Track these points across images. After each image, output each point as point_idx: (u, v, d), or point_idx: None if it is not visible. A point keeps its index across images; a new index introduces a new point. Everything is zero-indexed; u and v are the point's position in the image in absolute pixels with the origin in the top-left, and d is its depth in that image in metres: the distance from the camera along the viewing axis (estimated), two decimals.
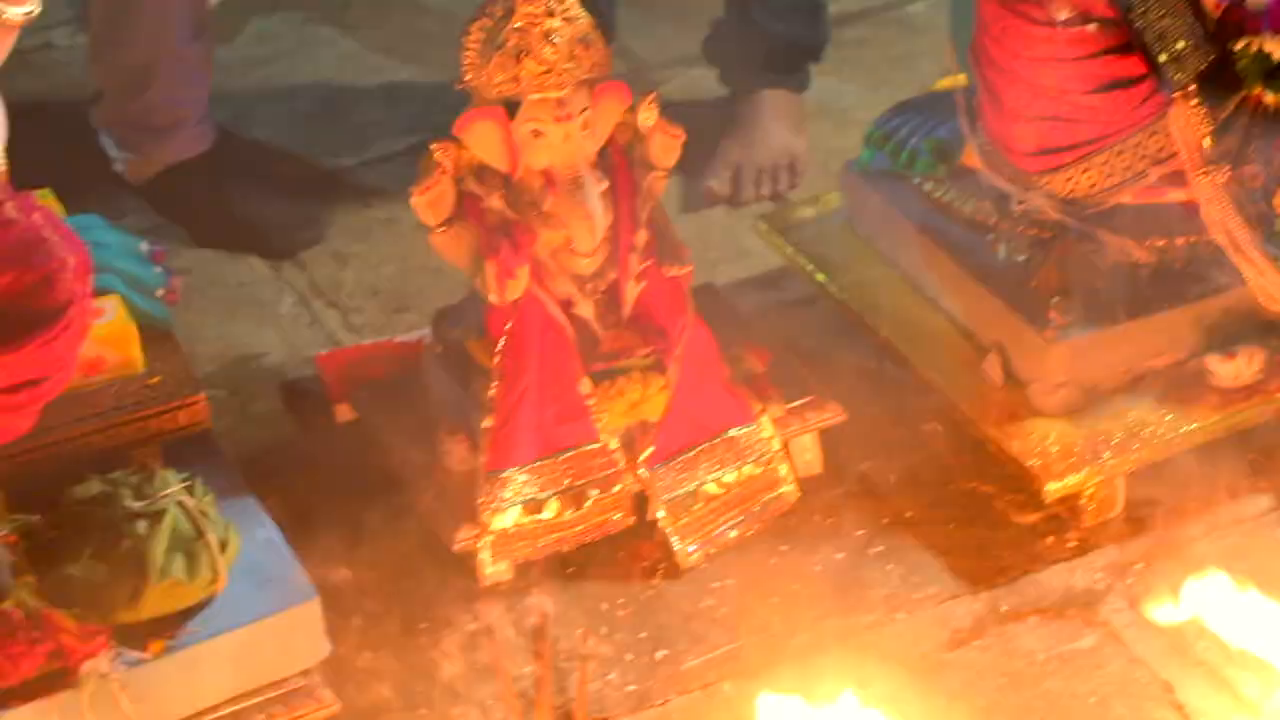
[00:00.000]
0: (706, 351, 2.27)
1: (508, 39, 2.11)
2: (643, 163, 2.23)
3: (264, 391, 2.55)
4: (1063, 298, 2.30)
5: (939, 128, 2.50)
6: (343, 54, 3.19)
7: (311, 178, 2.92)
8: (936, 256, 2.45)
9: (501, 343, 2.20)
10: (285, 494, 2.34)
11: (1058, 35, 2.24)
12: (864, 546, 2.30)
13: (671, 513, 2.25)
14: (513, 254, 2.14)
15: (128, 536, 1.98)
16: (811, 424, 2.35)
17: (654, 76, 3.01)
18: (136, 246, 2.28)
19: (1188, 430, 2.30)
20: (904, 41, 3.14)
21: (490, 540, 2.21)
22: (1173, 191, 2.32)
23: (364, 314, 2.69)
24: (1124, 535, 2.29)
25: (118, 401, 2.14)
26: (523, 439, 2.20)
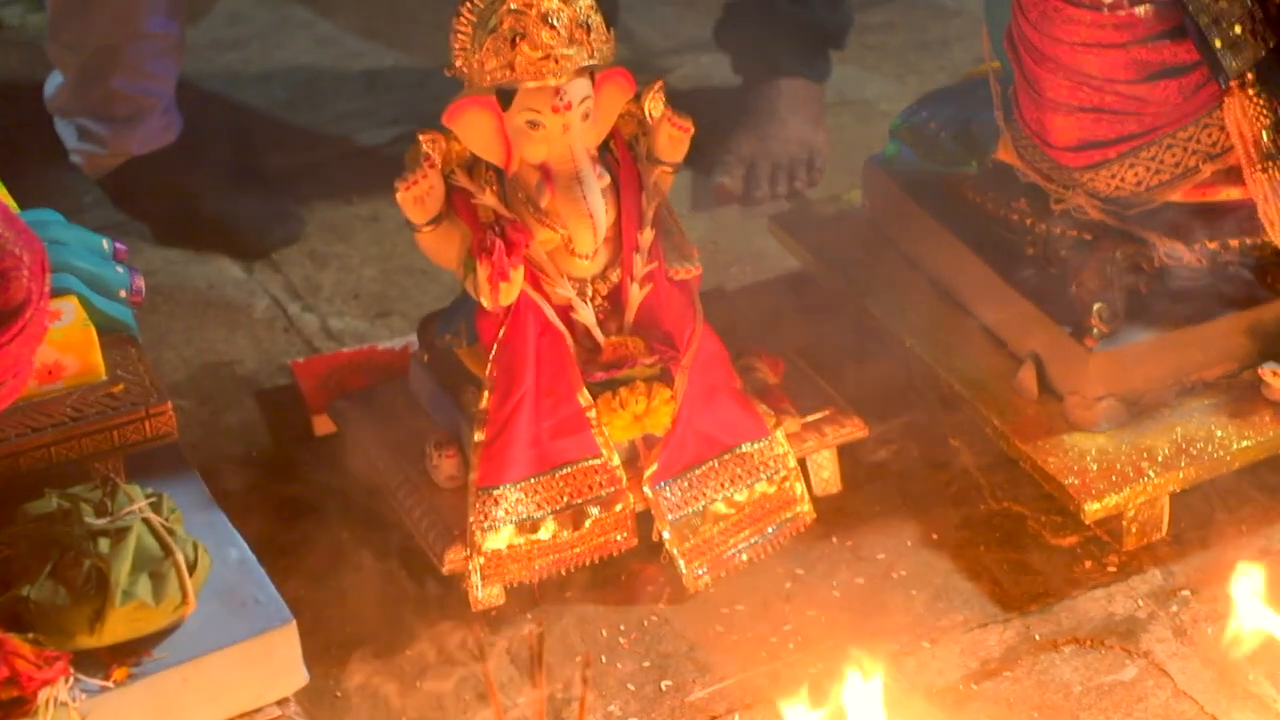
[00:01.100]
0: (716, 361, 2.31)
1: (502, 21, 2.14)
2: (648, 157, 2.27)
3: (235, 401, 2.59)
4: (1104, 304, 2.34)
5: (971, 120, 2.54)
6: (321, 37, 3.23)
7: (287, 171, 2.96)
8: (967, 259, 2.49)
9: (494, 351, 2.23)
10: (259, 511, 2.38)
11: (1103, 19, 2.28)
12: (886, 571, 2.34)
13: (677, 534, 2.29)
14: (506, 255, 2.17)
15: (89, 556, 2.01)
16: (830, 439, 2.40)
17: (661, 64, 3.06)
18: (97, 245, 2.30)
19: (1240, 447, 2.33)
20: (934, 26, 3.18)
21: (482, 562, 2.25)
22: (1227, 189, 2.36)
23: (344, 319, 2.73)
24: (1169, 559, 2.33)
25: (77, 411, 2.16)
26: (517, 454, 2.24)
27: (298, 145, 3.02)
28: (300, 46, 3.22)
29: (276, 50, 3.22)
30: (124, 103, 2.80)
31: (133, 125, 2.82)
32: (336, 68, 3.16)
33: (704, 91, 3.01)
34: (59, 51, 2.82)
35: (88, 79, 2.80)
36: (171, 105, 2.84)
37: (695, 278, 2.30)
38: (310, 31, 3.24)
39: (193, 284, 2.80)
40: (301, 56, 3.19)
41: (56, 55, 2.83)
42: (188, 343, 2.70)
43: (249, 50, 3.21)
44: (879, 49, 3.13)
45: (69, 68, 2.82)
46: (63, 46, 2.81)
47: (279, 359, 2.65)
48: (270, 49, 3.22)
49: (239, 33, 3.26)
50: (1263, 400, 2.38)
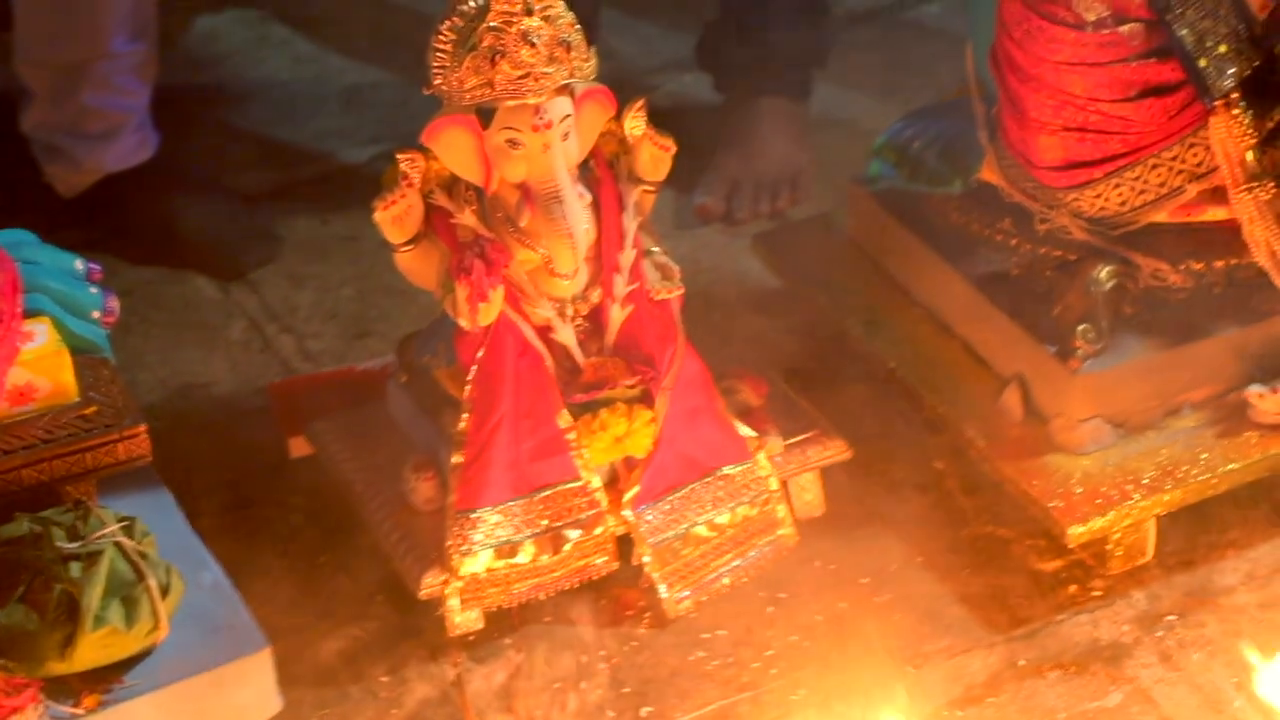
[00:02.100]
0: (698, 382, 2.30)
1: (481, 39, 2.14)
2: (629, 176, 2.26)
3: (211, 423, 2.58)
4: (1089, 325, 2.34)
5: (955, 139, 2.55)
6: (299, 55, 3.23)
7: (265, 190, 2.95)
8: (951, 280, 2.49)
9: (473, 372, 2.22)
10: (234, 534, 2.37)
11: (1087, 38, 2.28)
12: (869, 595, 2.33)
13: (659, 557, 2.28)
14: (486, 275, 2.17)
15: (60, 580, 2.01)
16: (813, 461, 2.39)
17: (643, 82, 3.06)
18: (70, 265, 2.30)
19: (1227, 470, 2.33)
20: (917, 45, 3.19)
21: (459, 586, 2.23)
22: (1212, 209, 2.36)
23: (321, 340, 2.72)
24: (1154, 584, 2.32)
25: (49, 433, 2.16)
26: (496, 477, 2.23)
27: (275, 164, 3.01)
28: (279, 64, 3.21)
29: (255, 68, 3.21)
30: (96, 119, 2.80)
31: (106, 142, 2.81)
32: (315, 86, 3.15)
33: (686, 110, 3.02)
34: (28, 70, 2.82)
35: (58, 97, 2.79)
36: (146, 122, 2.84)
37: (677, 298, 2.29)
38: (289, 50, 3.24)
39: (168, 304, 2.79)
40: (280, 74, 3.19)
41: (26, 74, 2.83)
42: (163, 364, 2.69)
43: (227, 68, 3.21)
44: (862, 68, 3.13)
45: (39, 86, 2.81)
46: (31, 65, 2.81)
47: (255, 380, 2.64)
48: (249, 67, 3.21)
49: (217, 50, 3.25)
50: (1249, 422, 2.37)
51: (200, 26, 3.30)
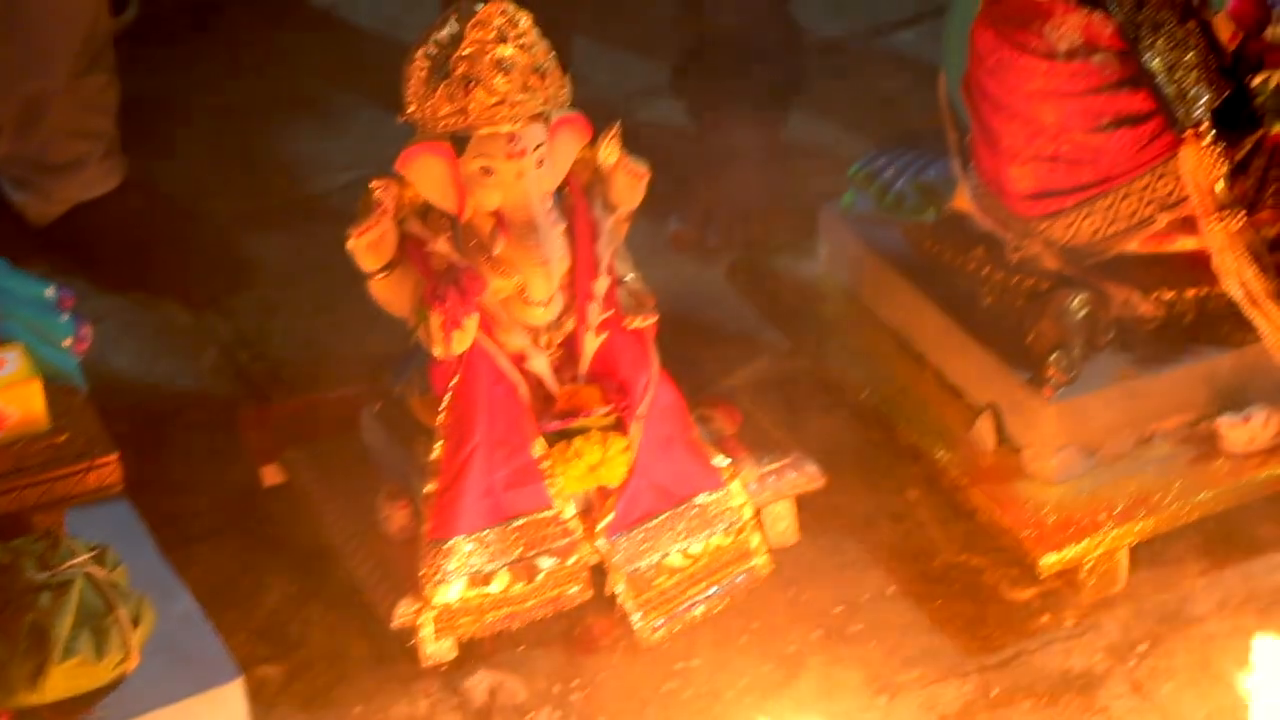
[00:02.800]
0: (672, 410, 2.30)
1: (455, 67, 2.14)
2: (604, 204, 2.27)
3: (183, 451, 2.57)
4: (1061, 354, 2.35)
5: (928, 168, 2.56)
6: (272, 80, 3.22)
7: (237, 217, 2.95)
8: (924, 308, 2.49)
9: (446, 400, 2.22)
10: (205, 564, 2.37)
11: (1059, 68, 2.29)
12: (843, 625, 2.33)
13: (632, 586, 2.28)
14: (460, 303, 2.17)
15: (30, 610, 2.00)
16: (786, 490, 2.39)
17: (617, 109, 3.06)
18: (42, 293, 2.30)
19: (1198, 499, 2.34)
20: (890, 74, 3.19)
21: (433, 615, 2.23)
22: (1182, 239, 2.37)
23: (294, 367, 2.72)
24: (1127, 613, 2.32)
25: (19, 462, 2.16)
26: (469, 505, 2.23)
27: (248, 190, 3.01)
28: (251, 90, 3.21)
29: (227, 94, 3.20)
30: (62, 150, 2.79)
31: (74, 171, 2.81)
32: (288, 112, 3.15)
33: (660, 138, 3.01)
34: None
35: (22, 130, 2.78)
36: (114, 148, 2.83)
37: (651, 326, 2.29)
38: (261, 75, 3.23)
39: (139, 331, 2.78)
40: (252, 100, 3.18)
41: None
42: (134, 391, 2.68)
43: (197, 94, 3.20)
44: (835, 96, 3.14)
45: (2, 120, 2.80)
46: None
47: (226, 408, 2.62)
48: (220, 92, 3.21)
49: (188, 77, 3.24)
50: (1220, 451, 2.38)
51: (170, 51, 3.29)
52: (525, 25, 2.17)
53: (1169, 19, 2.27)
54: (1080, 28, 2.29)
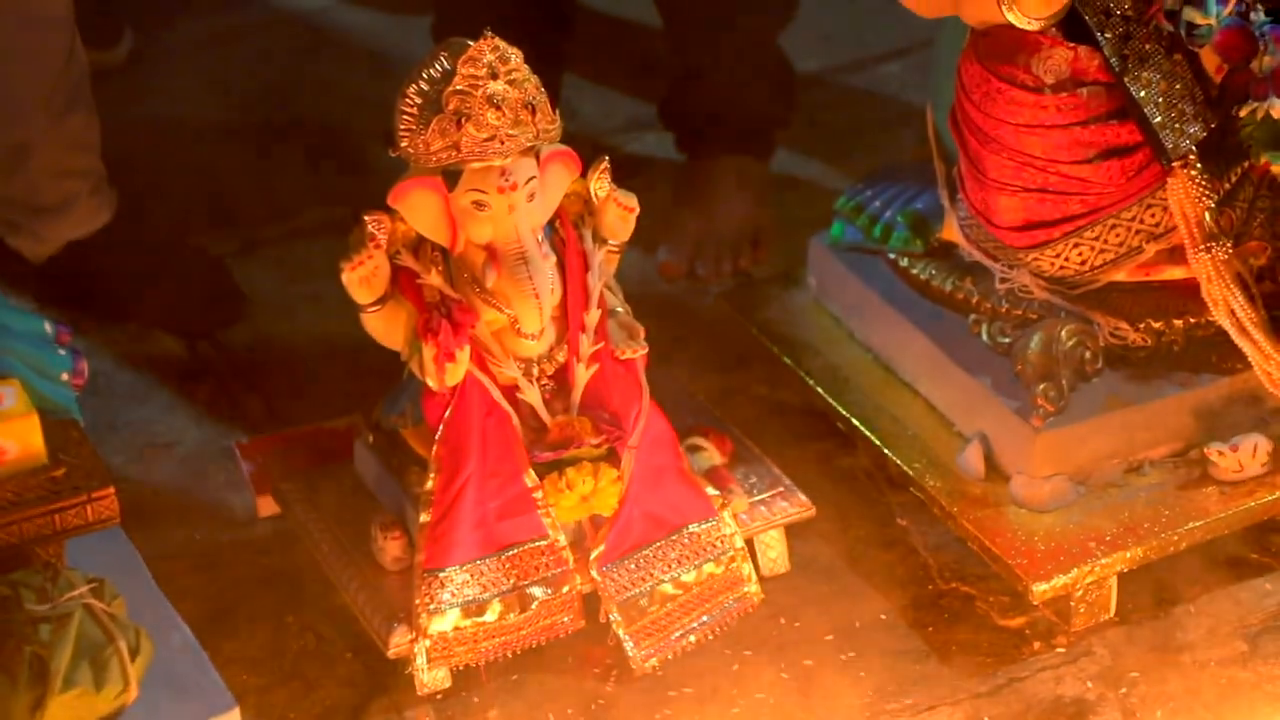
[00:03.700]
0: (663, 440, 2.31)
1: (448, 102, 2.15)
2: (594, 237, 2.28)
3: (178, 483, 2.57)
4: (1050, 384, 2.35)
5: (916, 199, 2.57)
6: (265, 116, 3.23)
7: (229, 250, 2.95)
8: (913, 339, 2.50)
9: (440, 431, 2.23)
10: (201, 596, 2.37)
11: (1046, 100, 2.31)
12: (834, 652, 2.33)
13: (625, 615, 2.28)
14: (452, 335, 2.17)
15: (29, 643, 2.00)
16: (777, 519, 2.39)
17: (606, 142, 3.07)
18: (39, 327, 2.30)
19: (1188, 528, 2.34)
20: (878, 106, 3.21)
21: (428, 645, 2.23)
22: (1170, 269, 2.39)
23: (287, 399, 2.72)
24: (1117, 641, 2.33)
25: (18, 495, 2.15)
26: (463, 535, 2.23)
27: (240, 223, 3.01)
28: (242, 125, 3.21)
29: (218, 128, 3.21)
30: (49, 192, 2.79)
31: (62, 212, 2.80)
32: (280, 145, 3.16)
33: (649, 170, 3.03)
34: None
35: (6, 175, 2.79)
36: (102, 184, 2.83)
37: (642, 357, 2.29)
38: (253, 112, 3.24)
39: (134, 364, 2.78)
40: (243, 131, 3.18)
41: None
42: (129, 424, 2.68)
43: (191, 128, 3.21)
44: (823, 128, 3.15)
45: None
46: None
47: (222, 439, 2.63)
48: (217, 120, 3.21)
49: (180, 109, 3.25)
50: (1209, 480, 2.39)
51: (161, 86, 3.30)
52: (516, 61, 2.18)
53: (1156, 51, 2.29)
54: (1067, 61, 2.30)
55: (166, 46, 3.37)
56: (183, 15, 3.43)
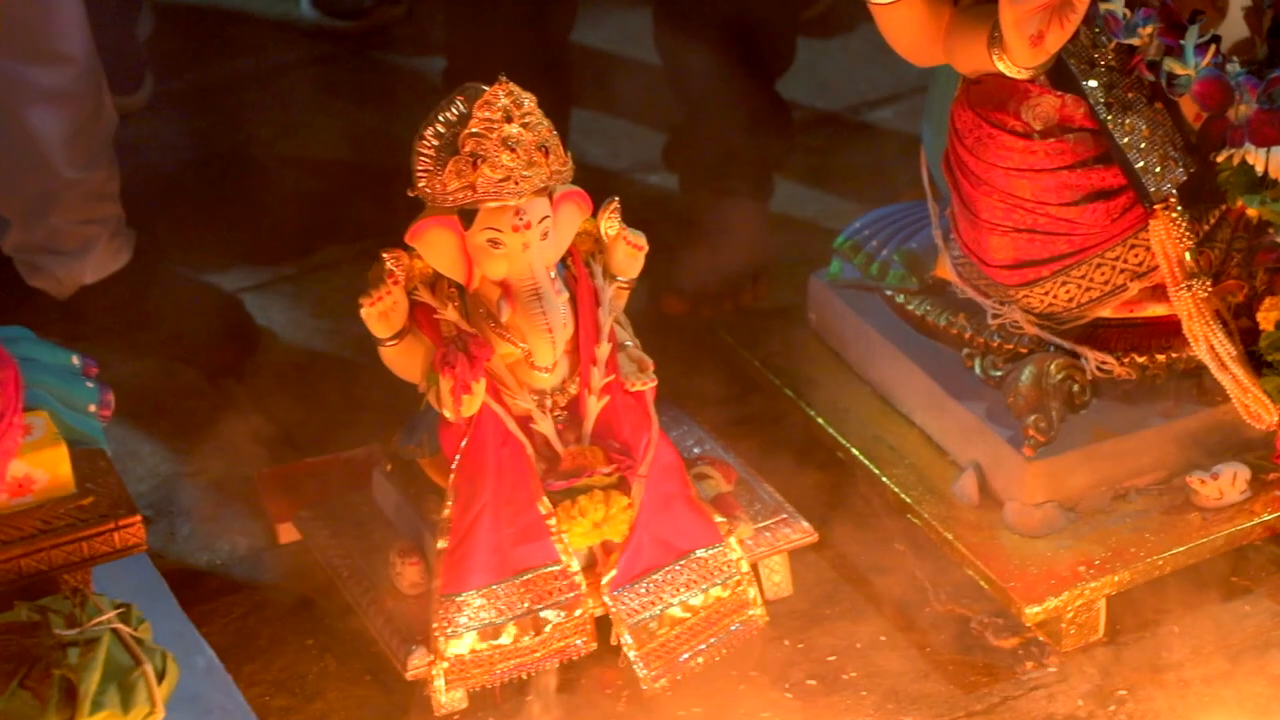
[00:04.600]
0: (672, 469, 2.30)
1: (464, 144, 2.15)
2: (605, 273, 2.28)
3: (201, 511, 2.56)
4: (1040, 415, 2.35)
5: (911, 238, 2.57)
6: (282, 155, 3.22)
7: (249, 285, 2.94)
8: (909, 372, 2.50)
9: (456, 460, 2.22)
10: (224, 620, 2.35)
11: (1035, 146, 2.31)
12: (837, 672, 2.32)
13: (636, 637, 2.27)
14: (469, 368, 2.17)
15: (59, 667, 1.99)
16: (781, 544, 2.38)
17: (611, 183, 3.06)
18: (67, 361, 2.29)
19: (1172, 553, 2.34)
20: (871, 148, 3.21)
21: (445, 667, 2.22)
22: (1153, 306, 2.39)
23: (307, 429, 2.70)
24: (1106, 660, 2.32)
25: (47, 523, 2.14)
26: (479, 561, 2.22)
27: (260, 260, 2.99)
28: (262, 165, 3.20)
29: (238, 169, 3.20)
30: (69, 237, 2.79)
31: (82, 256, 2.80)
32: (298, 185, 3.14)
33: (653, 210, 3.01)
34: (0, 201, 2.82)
35: (28, 222, 2.78)
36: (121, 228, 2.82)
37: (651, 389, 2.28)
38: (272, 150, 3.23)
39: (157, 396, 2.76)
40: (262, 171, 3.17)
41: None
42: (153, 454, 2.67)
43: (209, 169, 3.19)
44: (820, 169, 3.15)
45: (11, 215, 2.81)
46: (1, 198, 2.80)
47: (243, 469, 2.62)
48: (232, 167, 3.20)
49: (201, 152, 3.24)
50: (1192, 506, 2.39)
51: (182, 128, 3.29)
52: (529, 105, 2.18)
53: (1138, 100, 2.29)
54: (1055, 108, 2.30)
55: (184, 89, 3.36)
56: (199, 61, 3.42)
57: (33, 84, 2.65)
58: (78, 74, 2.68)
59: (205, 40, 3.46)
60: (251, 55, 3.45)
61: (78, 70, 2.67)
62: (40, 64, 2.64)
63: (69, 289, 2.82)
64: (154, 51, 3.31)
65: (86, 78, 2.69)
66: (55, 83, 2.66)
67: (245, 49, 3.46)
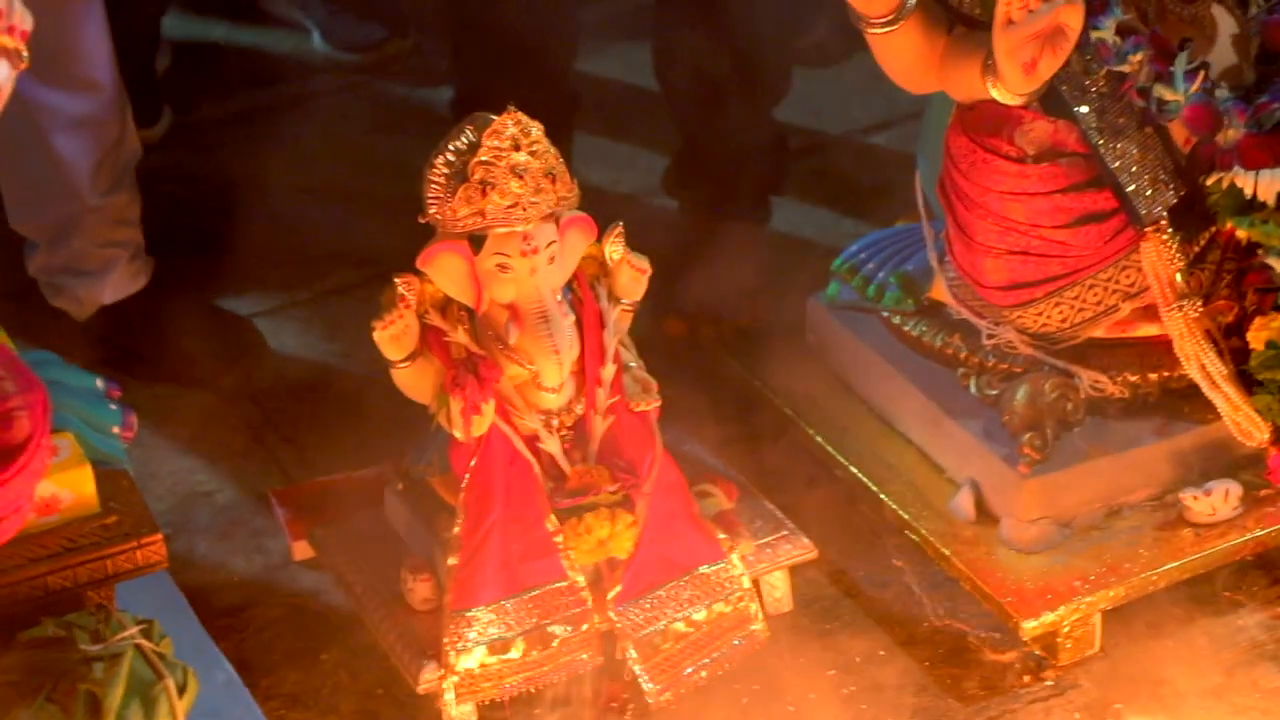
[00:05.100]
0: (675, 487, 2.30)
1: (473, 172, 2.16)
2: (609, 296, 2.28)
3: (217, 529, 2.56)
4: (1035, 433, 2.35)
5: (906, 261, 2.57)
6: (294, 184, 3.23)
7: (262, 309, 2.95)
8: (906, 391, 2.50)
9: (466, 479, 2.22)
10: (240, 635, 2.35)
11: (1029, 170, 2.31)
12: (837, 686, 2.32)
13: (641, 652, 2.27)
14: (478, 389, 2.17)
15: (84, 681, 1.99)
16: (781, 561, 2.38)
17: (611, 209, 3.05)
18: (91, 384, 2.30)
19: (1165, 568, 2.33)
20: (866, 173, 3.21)
21: (455, 681, 2.22)
22: (1144, 326, 2.39)
23: (320, 449, 2.70)
24: (1102, 674, 2.32)
25: (72, 542, 2.15)
26: (489, 578, 2.22)
27: (272, 285, 3.00)
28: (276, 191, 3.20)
29: (252, 194, 3.20)
30: (91, 259, 2.80)
31: (102, 277, 2.81)
32: (310, 211, 3.15)
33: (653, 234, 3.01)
34: (22, 228, 2.83)
35: (54, 245, 2.80)
36: (139, 252, 2.84)
37: (655, 409, 2.29)
38: (284, 179, 3.23)
39: (174, 417, 2.76)
40: (277, 200, 3.17)
41: (21, 230, 2.84)
42: (169, 473, 2.67)
43: (224, 195, 3.20)
44: (816, 193, 3.16)
45: (36, 237, 2.83)
46: (24, 222, 2.82)
47: (258, 487, 2.62)
48: (246, 193, 3.21)
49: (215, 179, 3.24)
50: (1184, 523, 2.39)
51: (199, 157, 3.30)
52: (537, 134, 2.19)
53: (1129, 125, 2.30)
54: (1048, 133, 2.31)
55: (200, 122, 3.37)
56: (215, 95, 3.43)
57: (61, 110, 2.67)
58: (104, 100, 2.70)
59: (221, 74, 3.46)
60: (265, 88, 3.45)
61: (104, 97, 2.69)
62: (69, 90, 2.66)
63: (89, 309, 2.84)
64: (171, 85, 3.32)
65: (112, 104, 2.72)
66: (83, 109, 2.68)
67: (259, 82, 3.47)
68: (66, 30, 2.62)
